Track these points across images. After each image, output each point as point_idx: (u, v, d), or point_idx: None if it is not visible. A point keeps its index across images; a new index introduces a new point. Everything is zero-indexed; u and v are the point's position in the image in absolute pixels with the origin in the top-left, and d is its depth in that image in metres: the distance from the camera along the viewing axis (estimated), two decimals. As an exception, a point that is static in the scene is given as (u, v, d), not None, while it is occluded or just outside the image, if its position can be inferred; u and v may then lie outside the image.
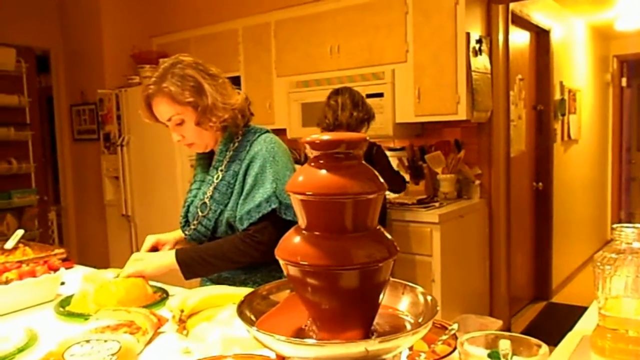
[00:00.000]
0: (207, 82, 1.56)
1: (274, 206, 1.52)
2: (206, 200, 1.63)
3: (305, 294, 0.63)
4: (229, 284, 1.60)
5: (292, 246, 0.63)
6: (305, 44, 3.76)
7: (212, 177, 1.64)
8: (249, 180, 1.57)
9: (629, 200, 6.65)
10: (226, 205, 1.60)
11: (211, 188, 1.63)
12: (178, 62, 1.57)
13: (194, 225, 1.67)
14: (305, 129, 3.61)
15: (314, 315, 0.64)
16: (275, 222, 1.53)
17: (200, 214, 1.64)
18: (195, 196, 1.70)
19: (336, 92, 2.82)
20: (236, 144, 1.63)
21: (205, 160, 1.74)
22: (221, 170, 1.63)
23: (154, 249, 1.75)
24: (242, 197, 1.57)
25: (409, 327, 0.69)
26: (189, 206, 1.71)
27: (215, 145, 1.66)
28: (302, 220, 0.64)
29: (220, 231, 1.63)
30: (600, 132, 6.13)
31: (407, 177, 3.62)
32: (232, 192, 1.60)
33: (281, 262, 0.64)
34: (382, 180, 0.65)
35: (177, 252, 1.58)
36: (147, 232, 4.13)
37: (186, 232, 1.71)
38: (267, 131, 1.68)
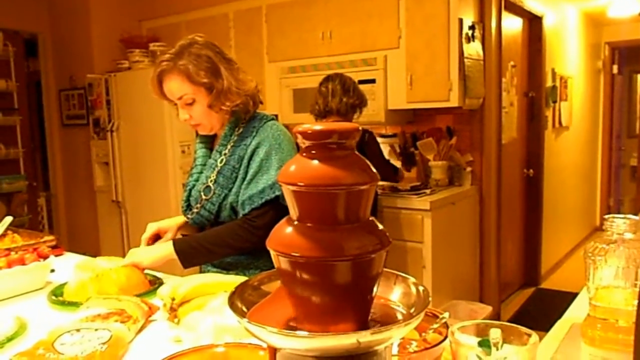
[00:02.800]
0: (223, 66, 1.56)
1: (277, 193, 1.51)
2: (210, 184, 1.61)
3: (297, 286, 0.63)
4: (232, 269, 1.60)
5: (284, 237, 0.63)
6: (297, 30, 3.73)
7: (216, 160, 1.62)
8: (254, 166, 1.56)
9: (618, 187, 6.70)
10: (230, 190, 1.60)
11: (215, 172, 1.61)
12: (195, 42, 1.56)
13: (196, 209, 1.65)
14: (297, 115, 3.59)
15: (306, 307, 0.63)
16: (277, 209, 1.53)
17: (203, 197, 1.63)
18: (197, 180, 1.68)
19: (327, 79, 2.81)
20: (241, 129, 1.62)
21: (207, 144, 1.72)
22: (225, 154, 1.61)
23: (156, 236, 1.71)
24: (245, 182, 1.57)
25: (400, 317, 0.68)
26: (190, 190, 1.69)
27: (220, 128, 1.65)
28: (293, 211, 0.63)
29: (224, 215, 1.62)
30: (591, 119, 6.16)
31: (398, 164, 3.62)
32: (236, 177, 1.59)
33: (272, 253, 0.64)
34: (374, 170, 0.64)
35: (174, 241, 1.57)
36: (138, 217, 4.15)
37: (188, 216, 1.69)
38: (273, 118, 1.68)
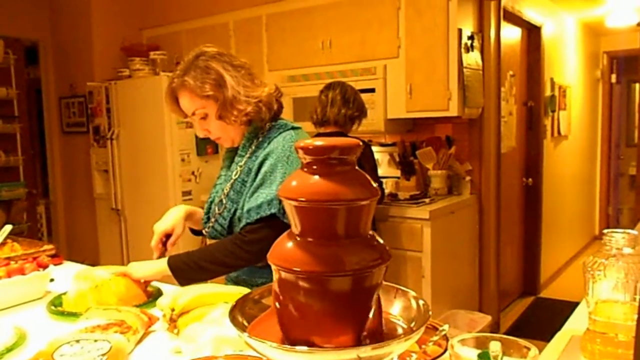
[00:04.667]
0: (229, 74, 1.50)
1: (273, 210, 1.44)
2: (222, 198, 1.58)
3: (298, 300, 0.63)
4: (246, 286, 1.56)
5: (285, 252, 0.63)
6: (297, 39, 3.74)
7: (231, 174, 1.58)
8: (258, 178, 1.50)
9: (617, 196, 6.70)
10: (239, 204, 1.55)
11: (228, 185, 1.57)
12: (201, 54, 1.53)
13: (211, 223, 1.61)
14: (297, 124, 3.59)
15: (306, 320, 0.63)
16: (274, 225, 1.45)
17: (217, 211, 1.59)
18: (217, 192, 1.65)
19: (328, 87, 2.80)
20: (260, 140, 1.56)
21: (232, 154, 1.66)
22: (240, 167, 1.56)
23: (168, 237, 1.63)
24: (248, 195, 1.52)
25: (400, 331, 0.69)
26: (211, 203, 1.66)
27: (241, 140, 1.59)
28: (294, 226, 0.64)
29: (236, 231, 1.56)
30: (590, 128, 6.17)
31: (397, 173, 3.63)
32: (245, 191, 1.55)
33: (273, 268, 0.64)
34: (375, 185, 0.64)
35: (169, 258, 1.53)
36: (137, 225, 4.16)
37: (206, 230, 1.66)
38: (294, 127, 1.60)
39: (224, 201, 1.57)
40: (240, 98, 1.51)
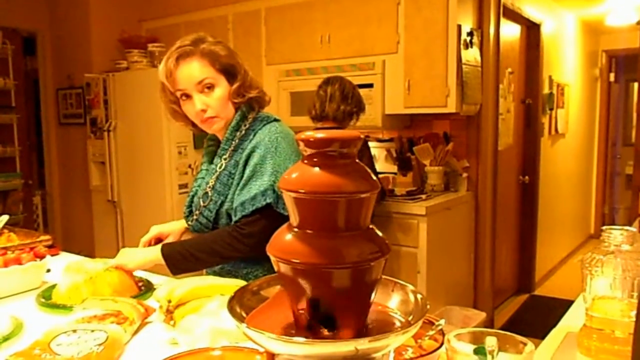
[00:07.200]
0: (238, 57, 1.58)
1: (269, 200, 1.46)
2: (208, 190, 1.58)
3: (296, 292, 0.63)
4: (231, 277, 1.56)
5: (284, 243, 0.63)
6: (296, 33, 3.73)
7: (216, 166, 1.59)
8: (247, 171, 1.51)
9: (613, 195, 6.72)
10: (226, 197, 1.55)
11: (213, 178, 1.58)
12: (206, 38, 1.56)
13: (195, 215, 1.62)
14: (294, 118, 3.59)
15: (304, 313, 0.64)
16: (269, 216, 1.47)
17: (201, 204, 1.59)
18: (199, 186, 1.65)
19: (327, 82, 2.79)
20: (243, 132, 1.57)
21: (213, 148, 1.68)
22: (225, 159, 1.57)
23: (158, 240, 1.70)
24: (239, 188, 1.52)
25: (398, 325, 0.69)
26: (193, 196, 1.66)
27: (225, 128, 1.61)
28: (294, 218, 0.64)
29: (222, 223, 1.57)
30: (587, 126, 6.18)
31: (394, 169, 3.63)
32: (232, 183, 1.55)
33: (272, 259, 0.64)
34: (375, 178, 0.64)
35: (163, 246, 1.54)
36: (133, 218, 4.14)
37: (189, 223, 1.66)
38: (276, 120, 1.62)
39: (210, 194, 1.58)
40: (250, 81, 1.57)
